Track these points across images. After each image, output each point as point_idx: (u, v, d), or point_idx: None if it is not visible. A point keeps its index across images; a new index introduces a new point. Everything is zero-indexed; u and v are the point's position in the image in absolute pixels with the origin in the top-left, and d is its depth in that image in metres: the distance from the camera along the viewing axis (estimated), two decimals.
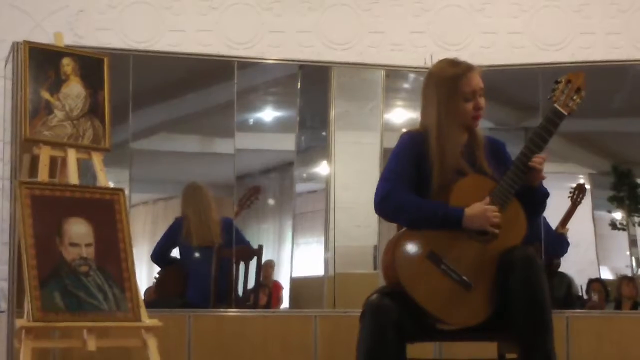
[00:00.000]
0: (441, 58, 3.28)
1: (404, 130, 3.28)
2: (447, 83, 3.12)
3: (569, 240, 5.28)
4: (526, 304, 2.93)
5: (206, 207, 5.16)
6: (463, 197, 3.05)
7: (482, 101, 3.16)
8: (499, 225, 3.02)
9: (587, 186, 5.40)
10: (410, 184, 3.09)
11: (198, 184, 5.20)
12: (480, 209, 3.01)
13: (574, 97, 3.12)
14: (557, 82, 3.14)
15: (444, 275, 2.99)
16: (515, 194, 3.07)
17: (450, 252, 3.01)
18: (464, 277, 2.99)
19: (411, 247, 3.02)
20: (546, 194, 3.19)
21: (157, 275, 5.15)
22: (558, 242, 5.25)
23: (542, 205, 3.21)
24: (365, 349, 2.93)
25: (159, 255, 5.15)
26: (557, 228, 5.26)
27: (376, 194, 3.11)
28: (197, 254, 5.14)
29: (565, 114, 3.10)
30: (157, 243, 5.18)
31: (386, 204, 3.07)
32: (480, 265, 3.01)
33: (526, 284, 2.93)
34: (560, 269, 5.26)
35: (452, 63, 3.18)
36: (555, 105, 3.10)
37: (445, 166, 3.07)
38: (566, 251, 5.27)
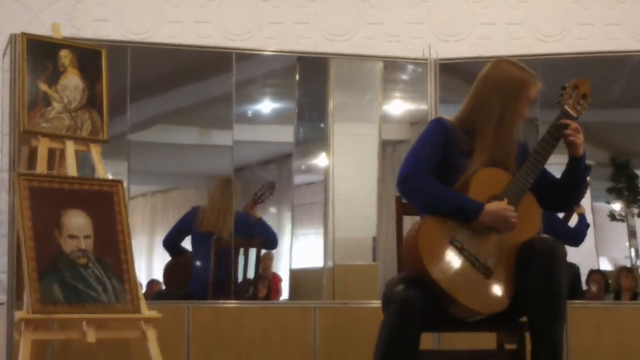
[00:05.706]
0: (499, 58, 3.29)
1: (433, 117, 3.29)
2: (513, 84, 3.17)
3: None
4: (543, 293, 2.97)
5: (225, 199, 5.14)
6: (481, 188, 3.10)
7: (527, 112, 3.24)
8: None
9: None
10: (432, 169, 3.13)
11: (229, 178, 5.17)
12: (500, 207, 3.06)
13: (581, 102, 3.23)
14: (564, 88, 3.22)
15: (466, 260, 3.02)
16: (530, 188, 3.13)
17: (471, 240, 3.06)
18: (486, 264, 3.02)
19: (434, 233, 3.05)
20: (588, 168, 3.27)
21: (166, 264, 5.15)
22: (575, 230, 5.25)
23: (584, 182, 3.29)
24: (387, 338, 2.94)
25: (169, 242, 5.16)
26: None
27: (399, 173, 3.15)
28: (205, 244, 5.13)
29: (575, 116, 3.20)
30: (170, 230, 5.18)
31: (406, 184, 3.12)
32: (499, 255, 3.07)
33: (545, 272, 2.97)
34: None
35: (518, 66, 3.23)
36: (565, 107, 3.20)
37: (493, 158, 3.12)
38: (586, 233, 5.27)
